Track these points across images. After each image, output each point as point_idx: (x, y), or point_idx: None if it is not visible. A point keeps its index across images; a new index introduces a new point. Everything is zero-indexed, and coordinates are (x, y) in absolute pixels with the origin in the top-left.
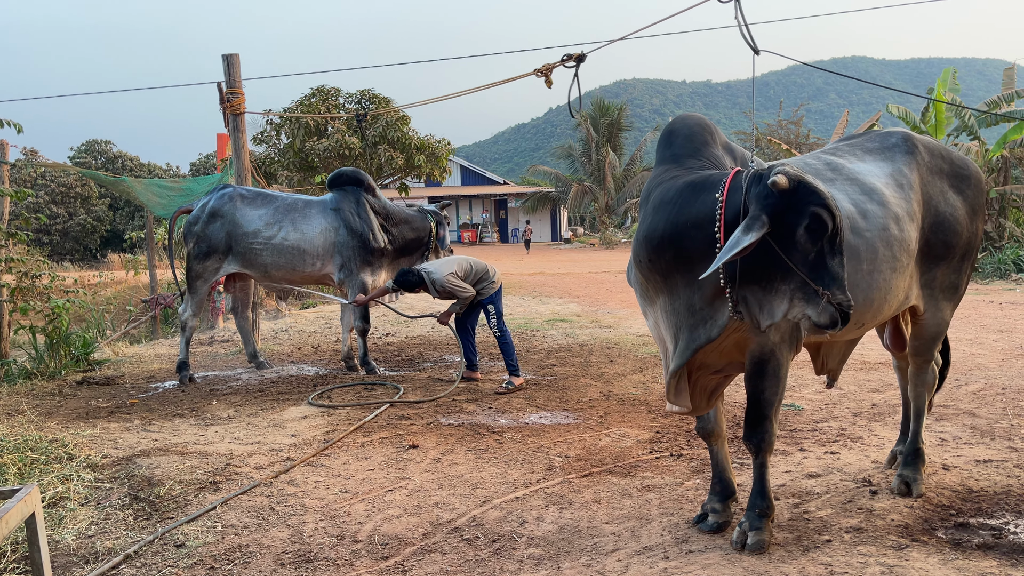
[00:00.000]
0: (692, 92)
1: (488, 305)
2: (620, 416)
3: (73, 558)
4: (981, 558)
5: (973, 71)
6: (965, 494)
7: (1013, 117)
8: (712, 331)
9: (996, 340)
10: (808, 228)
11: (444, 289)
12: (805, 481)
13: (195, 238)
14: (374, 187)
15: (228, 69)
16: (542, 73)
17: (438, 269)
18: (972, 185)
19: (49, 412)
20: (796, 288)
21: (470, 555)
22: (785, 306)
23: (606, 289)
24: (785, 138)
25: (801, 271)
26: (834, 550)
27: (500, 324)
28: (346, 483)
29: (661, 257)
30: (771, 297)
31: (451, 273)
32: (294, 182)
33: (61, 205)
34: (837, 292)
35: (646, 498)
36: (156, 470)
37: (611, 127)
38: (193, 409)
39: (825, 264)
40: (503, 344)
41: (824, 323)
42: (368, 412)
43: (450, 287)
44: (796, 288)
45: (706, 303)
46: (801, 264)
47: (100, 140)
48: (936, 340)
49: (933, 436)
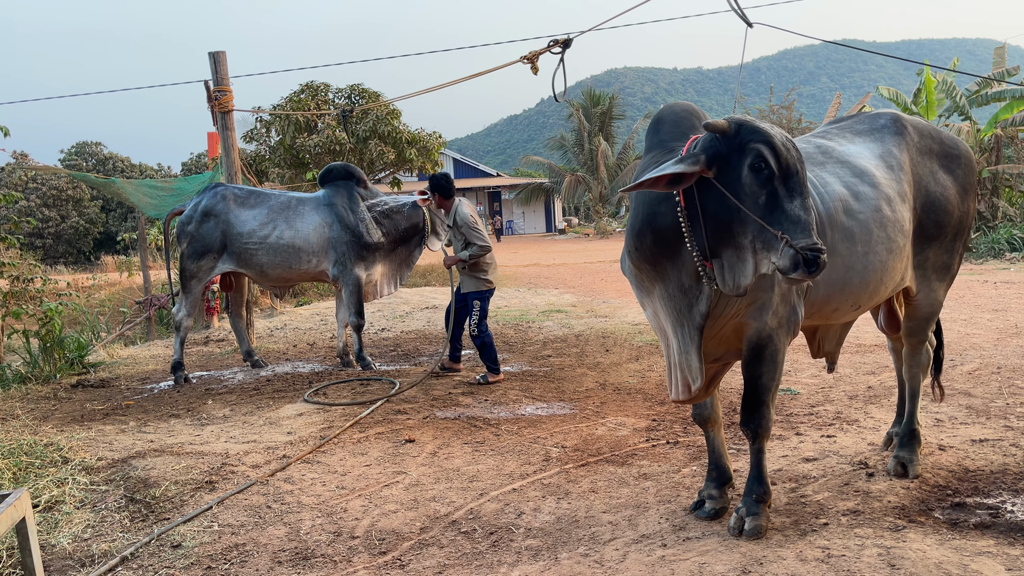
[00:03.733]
0: (683, 79)
1: (475, 300)
2: (616, 405)
3: (69, 562)
4: (978, 537)
5: (964, 51)
6: (961, 474)
7: (1003, 97)
8: (702, 306)
9: (991, 320)
10: (752, 167)
11: (464, 223)
12: (802, 465)
13: (189, 238)
14: (365, 180)
15: (215, 67)
16: (528, 60)
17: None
18: (962, 164)
19: (44, 416)
20: (756, 237)
21: (468, 548)
22: (752, 260)
23: (601, 279)
24: (777, 123)
25: (755, 216)
26: (831, 533)
27: (482, 325)
28: (343, 479)
29: (644, 242)
30: (740, 254)
31: (473, 218)
32: (286, 179)
33: (53, 208)
34: (798, 235)
35: (643, 486)
36: (152, 471)
37: (603, 116)
38: (188, 409)
39: (781, 206)
40: (480, 347)
41: (784, 267)
42: (364, 408)
43: (471, 223)
44: (756, 237)
45: (694, 280)
46: (754, 208)
47: (90, 142)
48: (930, 320)
49: (929, 417)
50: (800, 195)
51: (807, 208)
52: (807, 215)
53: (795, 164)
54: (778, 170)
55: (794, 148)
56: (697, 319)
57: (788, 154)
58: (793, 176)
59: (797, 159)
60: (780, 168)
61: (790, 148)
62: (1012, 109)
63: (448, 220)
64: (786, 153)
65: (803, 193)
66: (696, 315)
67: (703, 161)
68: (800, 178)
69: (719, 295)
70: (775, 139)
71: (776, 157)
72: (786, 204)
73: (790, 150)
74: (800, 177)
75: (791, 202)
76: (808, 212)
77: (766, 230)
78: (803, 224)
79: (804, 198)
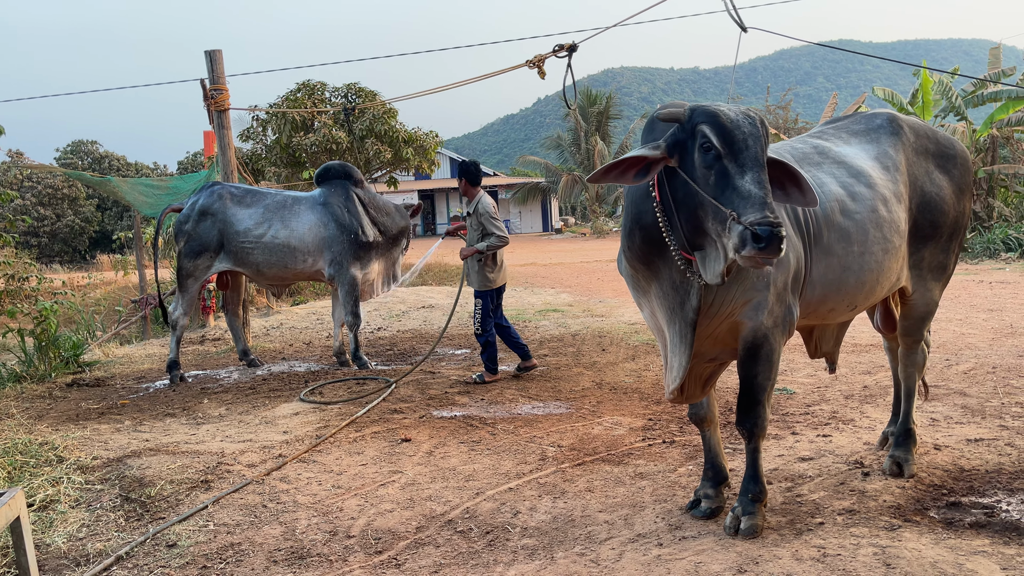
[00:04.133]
0: (680, 79)
1: (478, 299)
2: (613, 404)
3: (64, 561)
4: (974, 537)
5: (960, 52)
6: (957, 473)
7: (999, 98)
8: (693, 300)
9: (986, 319)
10: (702, 148)
11: (485, 212)
12: (798, 464)
13: (186, 236)
14: (362, 180)
15: (211, 65)
16: (534, 64)
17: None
18: (958, 164)
19: (39, 415)
20: (714, 219)
21: (464, 547)
22: (720, 246)
23: (598, 278)
24: (774, 123)
25: (710, 197)
26: (827, 532)
27: (486, 324)
28: (338, 479)
29: (634, 242)
30: (711, 241)
31: (495, 209)
32: (282, 178)
33: (48, 207)
34: (747, 210)
35: (639, 486)
36: (147, 470)
37: (600, 116)
38: (184, 408)
39: (732, 184)
40: (484, 345)
41: (734, 246)
42: (361, 407)
43: (491, 213)
44: (714, 219)
45: (683, 276)
46: (707, 189)
47: (86, 140)
48: (925, 320)
49: (924, 416)
50: (752, 170)
51: (759, 183)
52: (759, 189)
53: (745, 139)
54: (724, 147)
55: (748, 124)
56: (689, 314)
57: (737, 130)
58: (743, 152)
59: (749, 134)
60: (727, 145)
61: (741, 124)
62: (1008, 109)
63: (469, 208)
64: (734, 129)
65: (756, 168)
66: (688, 310)
67: (663, 148)
68: (753, 153)
69: (714, 291)
70: (721, 116)
71: (721, 134)
72: (737, 180)
73: (740, 126)
74: (753, 152)
75: (742, 178)
76: (761, 187)
77: (720, 210)
78: (752, 199)
79: (757, 173)
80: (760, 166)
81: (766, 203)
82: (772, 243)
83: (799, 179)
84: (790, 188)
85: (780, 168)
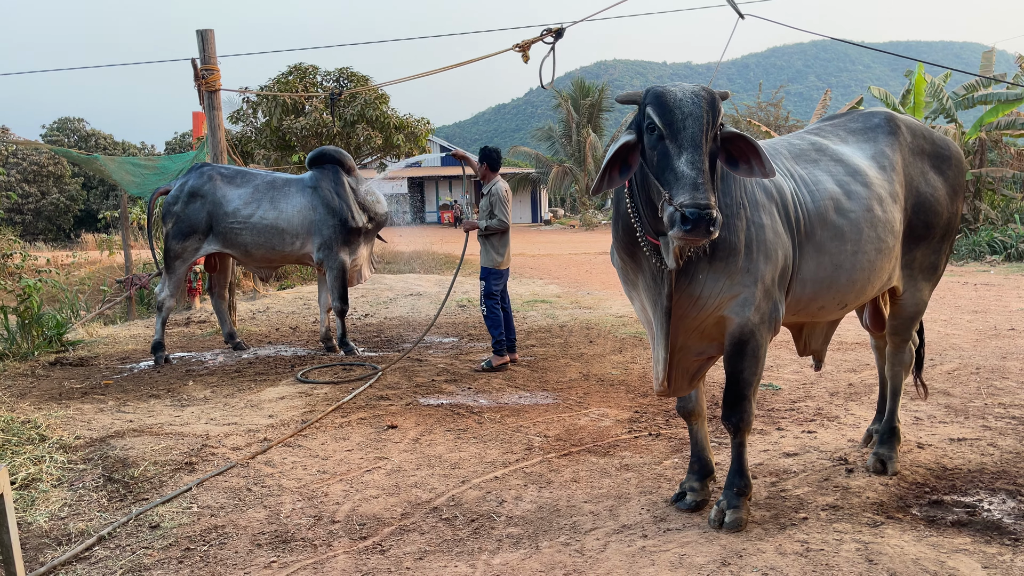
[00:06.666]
0: (673, 73)
1: (482, 279)
2: (599, 396)
3: (46, 540)
4: (955, 535)
5: (951, 55)
6: (940, 472)
7: (989, 101)
8: (666, 287)
9: (970, 321)
10: (648, 128)
11: (497, 195)
12: (782, 460)
13: (174, 218)
14: (354, 167)
15: (203, 45)
16: (520, 48)
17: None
18: (953, 165)
19: (21, 393)
20: (657, 200)
21: (448, 534)
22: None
23: (586, 270)
24: (765, 120)
25: (654, 178)
26: (810, 527)
27: (489, 302)
28: (324, 464)
29: (618, 233)
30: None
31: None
32: (271, 161)
33: (33, 184)
34: (678, 192)
35: (625, 477)
36: (131, 451)
37: (592, 108)
38: (169, 390)
39: (669, 164)
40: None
41: (666, 226)
42: (355, 389)
43: (503, 198)
44: (657, 200)
45: (658, 265)
46: (653, 171)
47: (72, 118)
48: (914, 320)
49: (908, 415)
50: (687, 151)
51: (692, 164)
52: (692, 171)
53: (684, 119)
54: (665, 127)
55: (691, 103)
56: (664, 301)
57: (678, 110)
58: (680, 132)
59: (689, 114)
60: (667, 125)
61: (683, 104)
62: (997, 113)
63: (484, 189)
64: (674, 108)
65: (691, 149)
66: (663, 298)
67: (634, 132)
68: (690, 133)
69: (700, 284)
70: (666, 95)
71: (662, 114)
72: (674, 161)
73: (681, 106)
74: (690, 132)
75: (678, 159)
76: (695, 168)
77: (661, 192)
78: (684, 180)
79: (692, 153)
80: (696, 147)
81: (698, 184)
82: (699, 225)
83: (759, 151)
84: (754, 161)
85: (741, 141)
